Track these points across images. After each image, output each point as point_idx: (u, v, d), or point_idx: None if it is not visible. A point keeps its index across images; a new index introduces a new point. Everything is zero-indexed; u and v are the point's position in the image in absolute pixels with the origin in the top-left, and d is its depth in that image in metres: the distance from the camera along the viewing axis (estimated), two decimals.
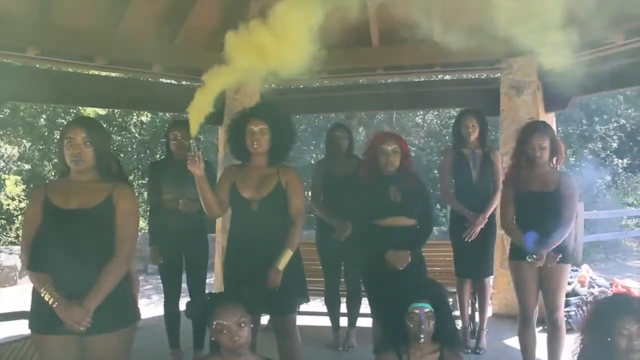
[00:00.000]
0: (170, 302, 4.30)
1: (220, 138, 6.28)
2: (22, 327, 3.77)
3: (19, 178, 14.98)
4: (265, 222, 3.21)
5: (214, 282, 6.44)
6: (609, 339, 2.39)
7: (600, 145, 13.51)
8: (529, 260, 3.57)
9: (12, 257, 8.34)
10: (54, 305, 2.43)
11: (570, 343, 2.69)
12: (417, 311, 2.71)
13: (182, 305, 4.35)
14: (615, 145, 13.47)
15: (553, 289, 3.67)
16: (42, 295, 2.45)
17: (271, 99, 6.23)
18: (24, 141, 15.24)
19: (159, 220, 4.22)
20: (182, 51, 5.83)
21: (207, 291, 4.55)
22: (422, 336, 2.72)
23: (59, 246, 2.49)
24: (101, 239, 2.55)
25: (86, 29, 5.09)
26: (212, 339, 2.49)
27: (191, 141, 3.19)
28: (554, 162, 3.80)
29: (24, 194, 14.95)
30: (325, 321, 5.05)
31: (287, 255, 3.18)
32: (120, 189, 2.65)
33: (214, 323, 2.36)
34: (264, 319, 4.64)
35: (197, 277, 4.30)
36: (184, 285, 4.37)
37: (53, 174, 15.15)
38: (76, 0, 4.91)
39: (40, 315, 2.53)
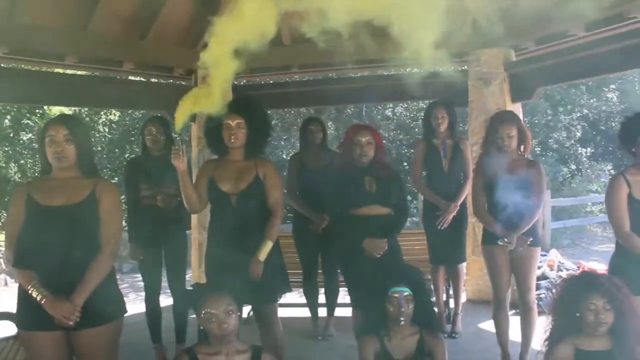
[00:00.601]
0: (151, 298, 4.33)
1: (194, 134, 6.29)
2: (1, 329, 3.80)
3: None
4: (244, 214, 3.27)
5: (190, 277, 6.45)
6: (578, 314, 2.53)
7: (564, 135, 13.82)
8: (501, 244, 3.70)
9: None
10: (42, 302, 2.46)
11: (542, 324, 2.82)
12: (396, 295, 2.82)
13: (163, 300, 4.42)
14: (579, 134, 13.81)
15: (524, 271, 3.82)
16: (30, 292, 2.48)
17: (243, 93, 6.30)
18: None
19: (137, 217, 4.23)
20: (152, 48, 5.82)
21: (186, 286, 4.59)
22: (402, 319, 2.82)
23: (44, 243, 2.52)
24: (86, 235, 2.58)
25: (56, 27, 5.05)
26: (200, 327, 2.55)
27: (175, 135, 3.24)
28: (522, 150, 3.94)
29: None
30: (305, 312, 5.15)
31: (267, 246, 3.24)
32: (103, 185, 2.69)
33: (203, 312, 2.43)
34: (244, 312, 4.76)
35: (177, 272, 4.32)
36: (164, 282, 4.40)
37: (19, 175, 14.91)
38: None
39: (27, 313, 2.56)
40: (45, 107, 13.29)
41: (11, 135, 14.57)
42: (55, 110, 13.16)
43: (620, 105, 13.95)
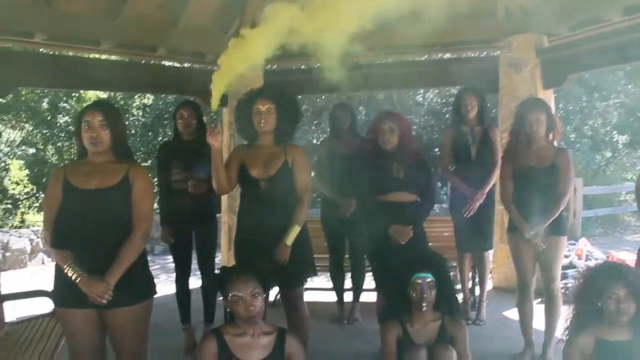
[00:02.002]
0: (182, 280, 4.42)
1: (224, 120, 6.38)
2: (39, 305, 3.97)
3: (22, 163, 15.10)
4: (273, 199, 3.32)
5: (220, 260, 6.58)
6: (600, 304, 2.54)
7: (600, 122, 13.57)
8: (527, 237, 3.69)
9: (21, 240, 8.51)
10: (77, 281, 2.56)
11: (567, 314, 2.83)
12: (419, 281, 2.87)
13: (192, 282, 4.53)
14: (615, 121, 13.52)
15: (549, 260, 3.80)
16: (65, 271, 2.58)
17: (273, 79, 6.35)
18: (27, 125, 15.34)
19: (169, 201, 4.32)
20: (184, 34, 5.91)
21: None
22: (424, 305, 2.87)
23: (80, 225, 2.62)
24: (119, 217, 2.67)
25: (91, 14, 5.17)
26: (227, 310, 2.64)
27: (212, 115, 3.31)
28: (551, 138, 3.91)
29: (27, 178, 15.10)
30: (331, 296, 5.22)
31: (295, 230, 3.30)
32: (136, 169, 2.78)
33: (230, 295, 2.51)
34: (272, 295, 4.85)
35: (207, 255, 4.41)
36: (194, 265, 4.50)
37: (56, 157, 15.29)
38: None
39: (63, 290, 2.67)
40: (81, 91, 13.55)
41: (49, 118, 14.93)
42: (91, 94, 13.46)
43: None
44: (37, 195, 15.17)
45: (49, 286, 2.84)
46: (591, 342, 2.59)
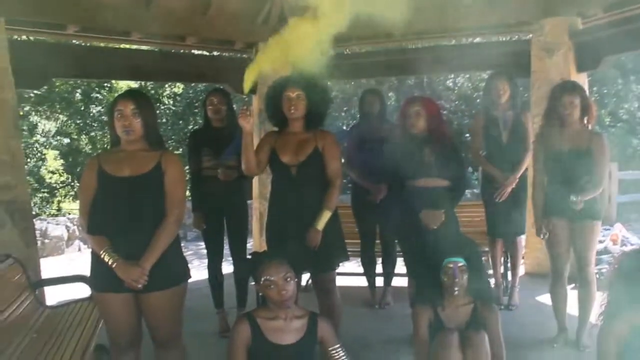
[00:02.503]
0: (214, 265, 4.49)
1: (254, 107, 6.42)
2: (77, 291, 4.08)
3: (57, 152, 15.44)
4: (304, 185, 3.36)
5: (252, 246, 6.65)
6: (637, 288, 2.50)
7: (636, 105, 13.28)
8: (573, 199, 3.61)
9: (59, 228, 8.71)
10: (113, 266, 2.62)
11: (601, 299, 2.80)
12: (451, 265, 2.87)
13: (225, 268, 4.60)
14: None
15: (584, 245, 3.77)
16: (102, 256, 2.65)
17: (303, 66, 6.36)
18: (61, 116, 15.66)
19: (200, 187, 4.37)
20: (214, 23, 5.94)
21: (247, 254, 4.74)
22: (456, 289, 2.87)
23: (115, 211, 2.68)
24: (153, 204, 2.72)
25: (121, 5, 5.23)
26: (260, 294, 2.68)
27: (244, 96, 3.34)
28: (585, 121, 3.85)
29: (62, 167, 15.44)
30: (363, 281, 5.25)
31: (326, 215, 3.32)
32: (168, 157, 2.83)
33: (262, 279, 2.55)
34: (303, 280, 4.90)
35: (238, 241, 4.46)
36: (226, 250, 4.57)
37: (90, 147, 15.59)
38: None
39: (100, 276, 2.74)
40: (113, 81, 13.77)
41: (82, 108, 15.21)
42: (122, 84, 13.66)
43: None
44: (72, 184, 15.52)
45: (86, 272, 2.91)
46: (627, 328, 2.56)
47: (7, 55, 4.46)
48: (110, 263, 2.63)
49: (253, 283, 2.70)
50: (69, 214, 12.07)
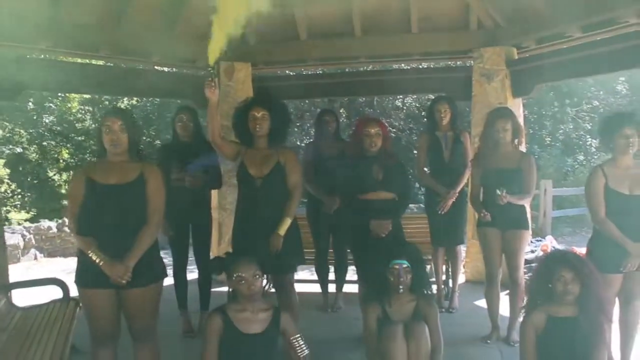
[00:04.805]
0: (179, 269, 4.79)
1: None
2: (44, 294, 4.27)
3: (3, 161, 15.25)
4: (267, 195, 3.75)
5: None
6: (550, 286, 2.99)
7: (571, 126, 14.14)
8: (498, 192, 4.02)
9: (14, 236, 8.75)
10: (100, 264, 2.93)
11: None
12: (396, 267, 3.29)
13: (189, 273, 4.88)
14: (589, 126, 14.09)
15: (513, 251, 4.28)
16: (90, 255, 2.94)
17: (263, 85, 6.74)
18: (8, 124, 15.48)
19: (168, 197, 4.65)
20: (177, 42, 6.22)
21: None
22: (400, 287, 3.29)
23: (102, 215, 2.99)
24: (136, 209, 3.05)
25: (92, 24, 5.50)
26: (230, 290, 3.04)
27: (210, 69, 3.69)
28: (516, 143, 4.38)
29: (8, 177, 15.24)
30: (316, 288, 5.62)
31: (287, 222, 3.72)
32: (150, 168, 3.18)
33: (234, 275, 2.92)
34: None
35: (203, 246, 4.80)
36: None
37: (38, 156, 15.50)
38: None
39: (86, 273, 3.04)
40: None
41: (34, 117, 15.12)
42: (75, 95, 13.68)
43: (631, 97, 14.19)
44: (22, 193, 15.37)
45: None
46: (543, 318, 3.03)
47: None
48: (97, 261, 2.93)
49: (214, 289, 3.03)
50: (19, 224, 12.00)
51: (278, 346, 3.06)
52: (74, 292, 4.04)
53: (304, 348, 3.05)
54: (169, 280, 4.83)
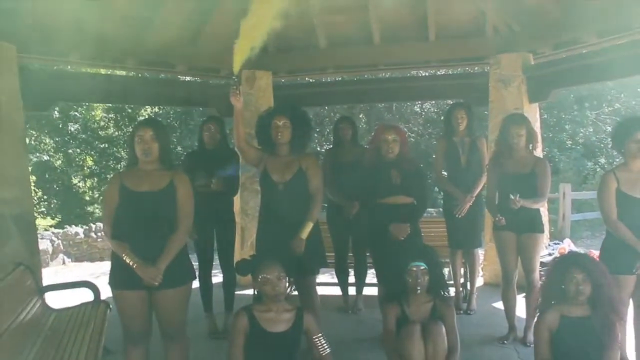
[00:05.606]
0: (205, 273, 4.94)
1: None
2: (76, 297, 4.46)
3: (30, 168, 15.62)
4: (289, 199, 3.89)
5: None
6: (563, 287, 3.10)
7: (591, 129, 14.11)
8: (511, 197, 4.12)
9: (43, 242, 9.01)
10: (134, 266, 3.09)
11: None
12: (414, 269, 3.42)
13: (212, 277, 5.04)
14: (610, 128, 14.03)
15: (528, 254, 4.38)
16: (124, 258, 3.11)
17: (282, 92, 6.91)
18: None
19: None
20: (202, 52, 6.45)
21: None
22: (418, 289, 3.42)
23: (134, 220, 3.17)
24: (166, 215, 3.22)
25: (118, 36, 5.73)
26: (255, 291, 3.20)
27: (234, 77, 3.85)
28: (530, 148, 4.49)
29: (34, 184, 15.58)
30: (336, 290, 5.77)
31: (309, 226, 3.85)
32: (180, 176, 3.34)
33: (259, 277, 3.08)
34: None
35: (227, 250, 4.97)
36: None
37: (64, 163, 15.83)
38: (109, 11, 5.53)
39: (119, 275, 3.21)
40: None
41: (60, 126, 15.49)
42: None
43: None
44: (48, 200, 15.74)
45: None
46: (557, 318, 3.14)
47: (18, 80, 4.89)
48: (131, 264, 3.10)
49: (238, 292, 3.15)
50: (46, 230, 12.31)
51: (300, 345, 3.21)
52: (104, 295, 4.28)
53: (326, 347, 3.19)
54: (194, 284, 5.04)
